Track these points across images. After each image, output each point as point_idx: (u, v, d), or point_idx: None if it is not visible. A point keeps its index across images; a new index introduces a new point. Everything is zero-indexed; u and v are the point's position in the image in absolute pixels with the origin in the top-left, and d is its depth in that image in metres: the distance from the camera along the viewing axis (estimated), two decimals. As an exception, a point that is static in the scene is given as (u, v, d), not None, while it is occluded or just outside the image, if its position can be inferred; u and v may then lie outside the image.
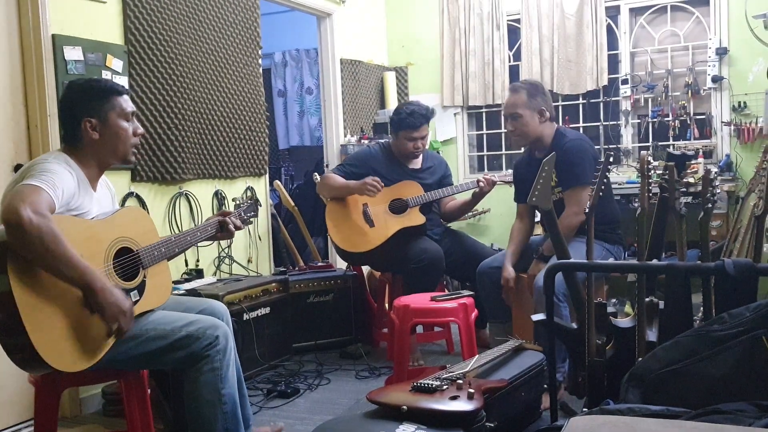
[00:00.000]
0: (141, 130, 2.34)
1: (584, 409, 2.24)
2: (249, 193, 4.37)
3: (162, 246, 2.32)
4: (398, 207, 3.87)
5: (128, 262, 2.21)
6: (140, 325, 2.19)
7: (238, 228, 2.59)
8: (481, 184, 3.80)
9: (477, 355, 2.68)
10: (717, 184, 2.23)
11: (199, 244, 2.54)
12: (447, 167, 4.17)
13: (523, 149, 3.68)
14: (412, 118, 3.84)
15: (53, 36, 3.12)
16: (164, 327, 2.21)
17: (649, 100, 5.18)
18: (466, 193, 4.01)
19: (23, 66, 3.10)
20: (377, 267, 4.19)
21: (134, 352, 2.17)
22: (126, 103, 2.28)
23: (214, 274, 4.02)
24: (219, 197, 4.12)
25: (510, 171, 4.00)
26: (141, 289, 2.23)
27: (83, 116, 2.20)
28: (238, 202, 2.75)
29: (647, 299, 2.28)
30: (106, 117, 2.22)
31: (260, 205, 2.85)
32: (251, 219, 2.77)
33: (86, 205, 2.18)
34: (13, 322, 1.85)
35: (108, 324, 2.02)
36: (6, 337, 1.92)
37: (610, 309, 2.39)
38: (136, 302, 2.20)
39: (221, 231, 2.55)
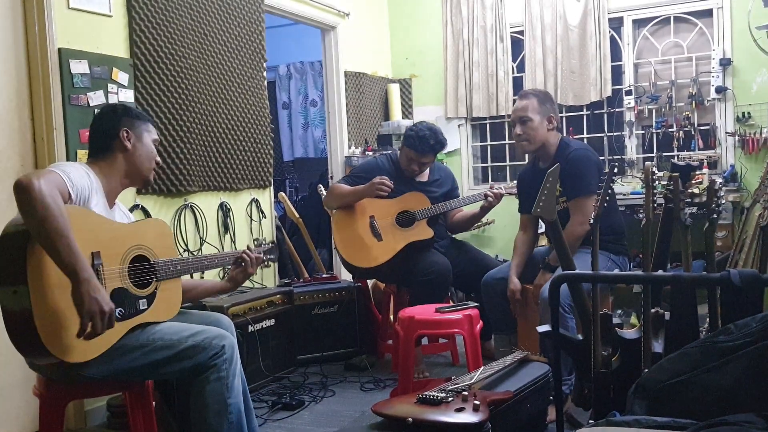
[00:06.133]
0: (159, 159, 2.48)
1: (590, 421, 2.23)
2: (271, 238, 4.35)
3: (178, 263, 2.37)
4: (406, 220, 3.86)
5: (143, 270, 2.25)
6: (147, 335, 2.21)
7: (256, 263, 2.60)
8: (490, 198, 3.78)
9: (482, 367, 2.68)
10: (722, 194, 2.23)
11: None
12: (454, 179, 4.18)
13: (527, 159, 3.67)
14: (419, 144, 3.84)
15: (59, 50, 3.14)
16: (171, 337, 2.22)
17: (653, 110, 5.18)
18: (473, 205, 3.99)
19: (29, 80, 3.13)
20: (384, 279, 4.18)
21: (141, 361, 2.18)
22: (155, 132, 2.47)
23: (219, 286, 4.01)
24: (224, 209, 4.13)
25: (516, 182, 3.99)
26: (151, 299, 2.26)
27: (123, 126, 2.34)
28: (260, 242, 2.75)
29: (653, 310, 2.27)
30: (141, 134, 2.40)
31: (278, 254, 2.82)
32: (270, 262, 2.79)
33: (102, 213, 2.21)
34: (23, 309, 1.89)
35: (82, 319, 1.92)
36: (12, 322, 1.95)
37: (615, 320, 2.39)
38: (143, 311, 2.23)
39: (237, 265, 2.59)
